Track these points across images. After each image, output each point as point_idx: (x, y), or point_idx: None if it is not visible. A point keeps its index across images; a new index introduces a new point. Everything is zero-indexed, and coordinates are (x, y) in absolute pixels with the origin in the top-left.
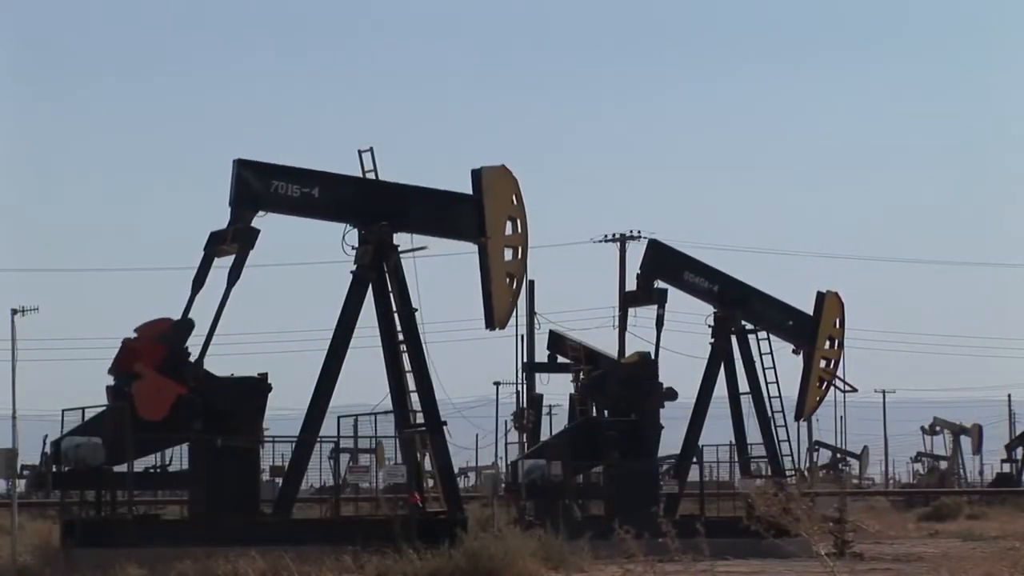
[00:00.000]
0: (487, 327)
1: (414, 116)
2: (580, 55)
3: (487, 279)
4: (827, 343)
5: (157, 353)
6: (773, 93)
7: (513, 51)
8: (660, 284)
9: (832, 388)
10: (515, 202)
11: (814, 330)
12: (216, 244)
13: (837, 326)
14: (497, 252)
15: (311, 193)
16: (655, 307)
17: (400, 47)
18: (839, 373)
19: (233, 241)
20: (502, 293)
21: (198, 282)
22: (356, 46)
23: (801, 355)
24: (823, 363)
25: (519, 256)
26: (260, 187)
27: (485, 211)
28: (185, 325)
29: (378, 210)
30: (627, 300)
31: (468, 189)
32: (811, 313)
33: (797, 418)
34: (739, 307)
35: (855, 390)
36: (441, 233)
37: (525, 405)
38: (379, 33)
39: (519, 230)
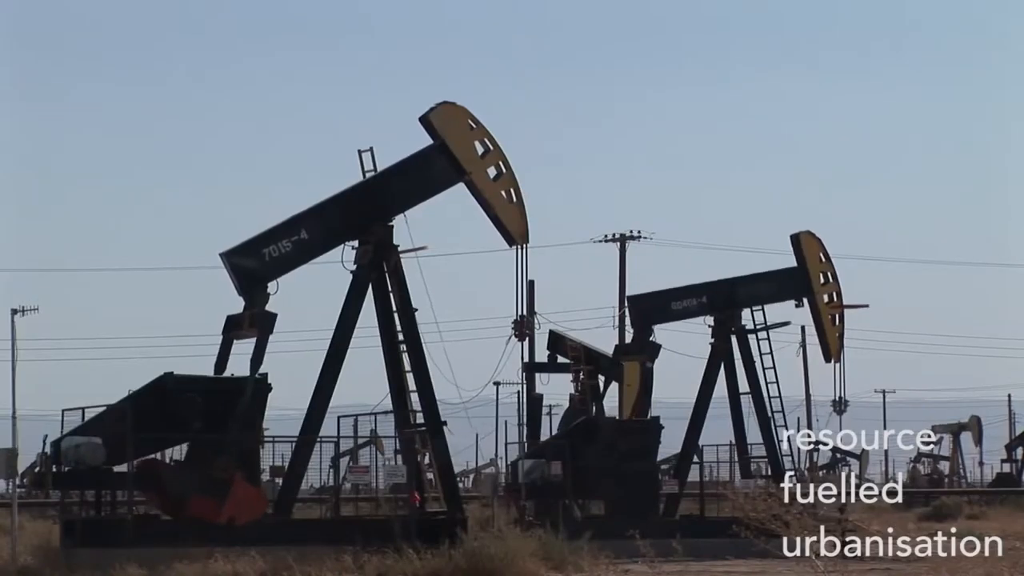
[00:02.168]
0: (510, 245)
1: (414, 116)
2: (580, 55)
3: (488, 207)
4: (821, 279)
5: (205, 504)
6: (773, 93)
7: (512, 51)
8: (658, 327)
9: (844, 325)
10: (474, 126)
11: (805, 274)
12: (233, 328)
13: (823, 260)
14: (483, 179)
15: (301, 238)
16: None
17: (399, 47)
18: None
19: (251, 327)
20: (507, 210)
21: (220, 366)
22: (356, 46)
23: (806, 305)
24: (826, 299)
25: (504, 170)
26: (256, 264)
27: (452, 150)
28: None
29: (366, 212)
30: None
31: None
32: (795, 265)
33: (827, 360)
34: (732, 304)
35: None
36: (429, 192)
37: (525, 314)
38: (379, 33)
39: (491, 148)
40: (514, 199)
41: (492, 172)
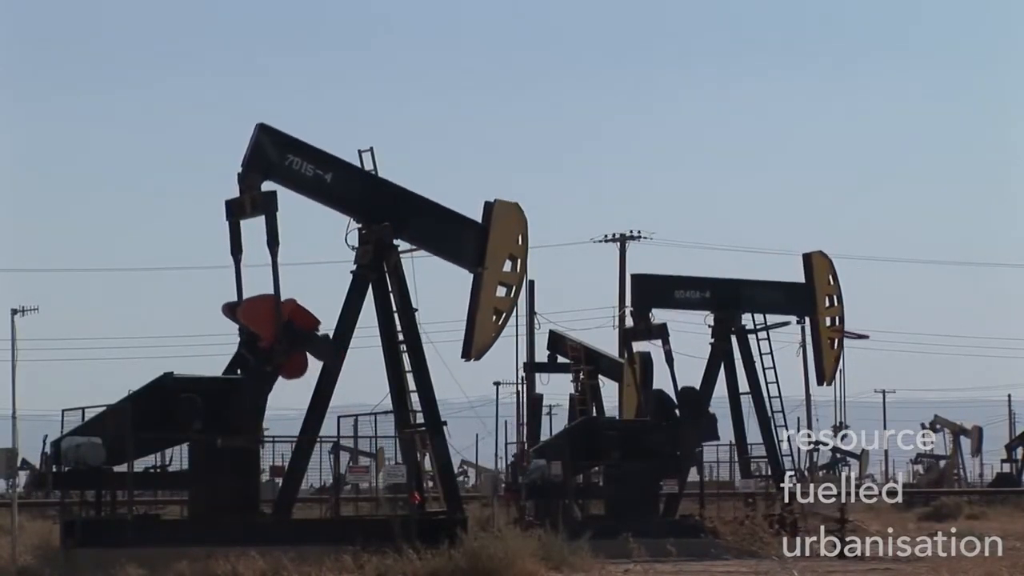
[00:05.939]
0: (463, 357)
1: (412, 115)
2: (580, 55)
3: (474, 309)
4: (827, 302)
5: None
6: (774, 94)
7: (513, 51)
8: (657, 314)
9: (844, 348)
10: (520, 241)
11: (811, 294)
12: (236, 213)
13: (832, 283)
14: (491, 285)
15: (324, 177)
16: (660, 343)
17: (399, 47)
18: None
19: (254, 211)
20: (486, 327)
21: (236, 249)
22: (358, 47)
23: (806, 324)
24: (828, 322)
25: (511, 294)
26: (275, 157)
27: (488, 242)
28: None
29: (382, 210)
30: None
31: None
32: (803, 281)
33: (820, 383)
34: (734, 305)
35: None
36: (438, 251)
37: (525, 404)
38: (380, 34)
39: (517, 269)
40: (498, 323)
41: (502, 290)
